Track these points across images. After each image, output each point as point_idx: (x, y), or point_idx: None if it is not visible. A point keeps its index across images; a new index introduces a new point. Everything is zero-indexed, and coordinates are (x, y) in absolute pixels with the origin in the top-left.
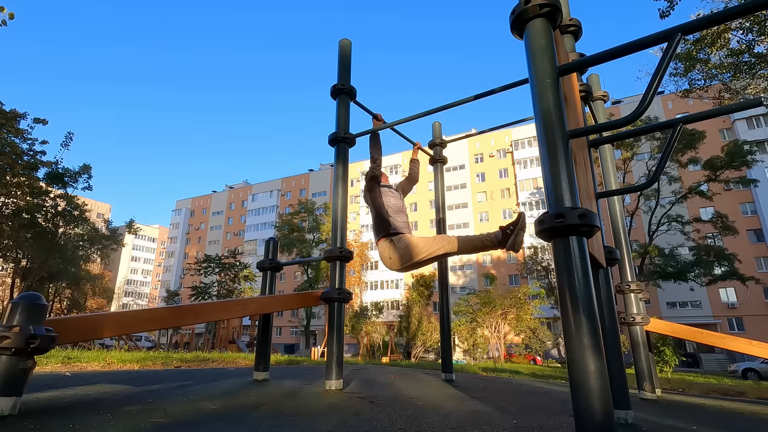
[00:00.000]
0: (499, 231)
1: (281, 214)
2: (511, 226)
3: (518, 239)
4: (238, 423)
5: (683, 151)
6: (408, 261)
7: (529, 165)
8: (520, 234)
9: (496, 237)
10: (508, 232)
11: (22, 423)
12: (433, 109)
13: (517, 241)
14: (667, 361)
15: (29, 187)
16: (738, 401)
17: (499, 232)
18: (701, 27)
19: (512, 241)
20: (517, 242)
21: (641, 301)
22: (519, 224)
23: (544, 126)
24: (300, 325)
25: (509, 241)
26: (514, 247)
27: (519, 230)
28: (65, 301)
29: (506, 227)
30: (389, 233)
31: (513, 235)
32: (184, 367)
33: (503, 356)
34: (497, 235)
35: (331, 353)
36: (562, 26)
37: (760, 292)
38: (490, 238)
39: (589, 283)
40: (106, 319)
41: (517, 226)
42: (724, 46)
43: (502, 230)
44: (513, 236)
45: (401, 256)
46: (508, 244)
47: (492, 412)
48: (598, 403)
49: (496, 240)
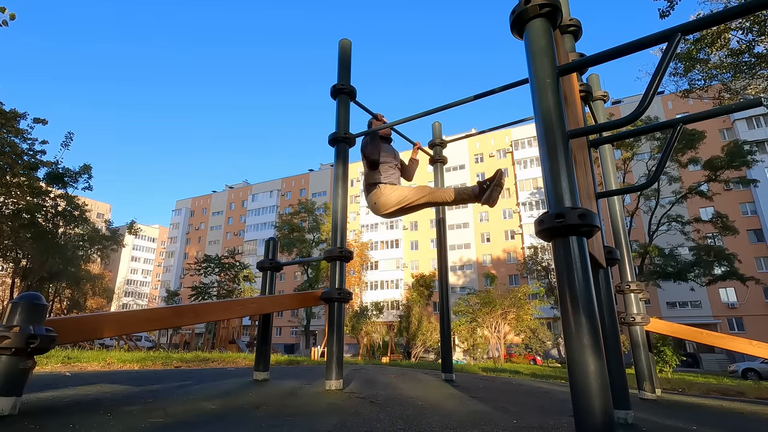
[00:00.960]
0: (477, 185)
1: (281, 214)
2: (488, 182)
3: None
4: (238, 423)
5: (683, 151)
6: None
7: (529, 165)
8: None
9: (473, 191)
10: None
11: (22, 423)
12: (433, 109)
13: (492, 197)
14: (667, 361)
15: (29, 187)
16: (738, 401)
17: (476, 186)
18: (701, 27)
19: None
20: (492, 197)
21: (641, 301)
22: (496, 180)
23: (544, 126)
24: (300, 325)
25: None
26: (489, 202)
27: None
28: (65, 301)
29: (483, 182)
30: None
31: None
32: (184, 367)
33: (503, 356)
34: (474, 189)
35: (331, 353)
36: (562, 26)
37: (760, 292)
38: (467, 192)
39: (589, 283)
40: (106, 319)
41: (494, 182)
42: (724, 46)
43: (479, 184)
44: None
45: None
46: (484, 198)
47: (492, 412)
48: (598, 403)
49: (473, 193)
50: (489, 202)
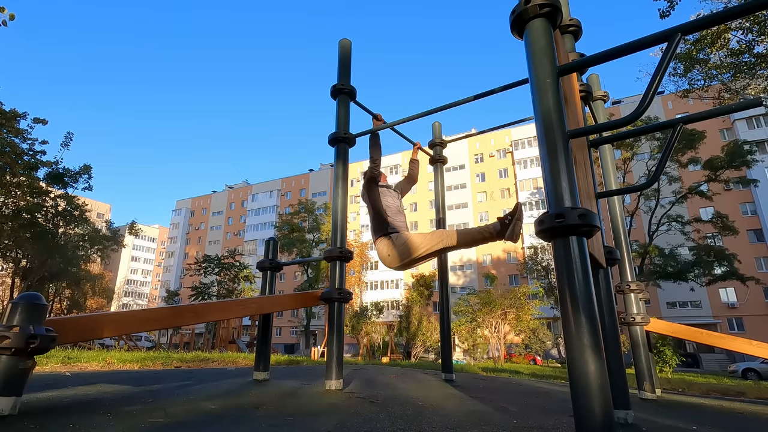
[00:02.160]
0: (497, 222)
1: (281, 214)
2: (509, 216)
3: (516, 229)
4: (238, 423)
5: (683, 151)
6: (407, 258)
7: (529, 165)
8: (518, 224)
9: (494, 228)
10: (506, 222)
11: (22, 423)
12: (433, 109)
13: (515, 232)
14: (667, 361)
15: (29, 187)
16: (738, 401)
17: (497, 223)
18: (701, 27)
19: (510, 231)
20: (515, 232)
21: (641, 301)
22: (516, 214)
23: (544, 126)
24: (300, 325)
25: (508, 231)
26: (512, 238)
27: (517, 220)
28: (65, 301)
29: (504, 218)
30: (387, 232)
31: (511, 226)
32: (184, 367)
33: (503, 356)
34: (495, 226)
35: (331, 353)
36: (562, 26)
37: (760, 292)
38: (488, 230)
39: (589, 283)
40: (106, 319)
41: (515, 216)
42: (724, 46)
43: (500, 221)
44: (511, 226)
45: (400, 253)
46: (507, 235)
47: (492, 412)
48: (598, 403)
49: (495, 231)
50: (512, 238)
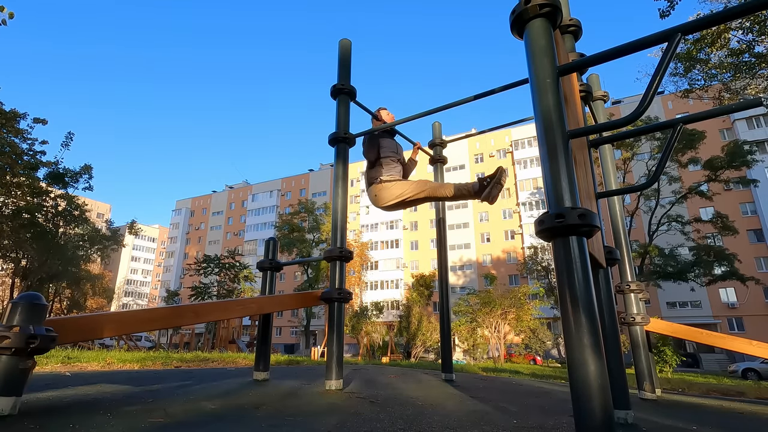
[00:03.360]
0: (477, 182)
1: (281, 214)
2: (488, 179)
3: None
4: (238, 423)
5: (683, 151)
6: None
7: (529, 165)
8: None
9: (473, 187)
10: (484, 184)
11: (22, 423)
12: (433, 109)
13: (492, 194)
14: (667, 361)
15: (29, 187)
16: (738, 401)
17: (476, 183)
18: (701, 27)
19: (487, 193)
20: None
21: (641, 301)
22: (496, 177)
23: (544, 126)
24: (300, 325)
25: (485, 192)
26: (488, 199)
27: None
28: (65, 301)
29: (484, 179)
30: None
31: (489, 188)
32: (184, 367)
33: (503, 356)
34: (474, 185)
35: (331, 353)
36: (562, 26)
37: (760, 292)
38: (467, 188)
39: (589, 283)
40: (106, 319)
41: (494, 180)
42: (724, 46)
43: (479, 181)
44: (489, 188)
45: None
46: (483, 195)
47: (492, 412)
48: (598, 403)
49: (473, 190)
50: (488, 199)
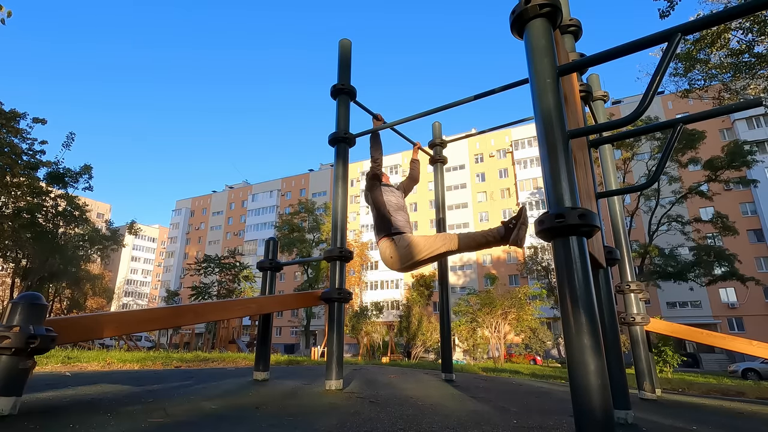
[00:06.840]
0: (501, 226)
1: (281, 214)
2: (513, 221)
3: (521, 234)
4: (238, 423)
5: (683, 151)
6: (409, 260)
7: (529, 165)
8: (522, 228)
9: (498, 232)
10: (510, 226)
11: (22, 423)
12: (433, 109)
13: (520, 236)
14: (668, 361)
15: (29, 187)
16: (738, 401)
17: (501, 227)
18: (701, 27)
19: (515, 236)
20: (520, 237)
21: (641, 301)
22: (521, 219)
23: (544, 126)
24: (300, 325)
25: (512, 236)
26: (517, 242)
27: (521, 225)
28: (65, 301)
29: (508, 222)
30: (390, 233)
31: (515, 230)
32: (184, 367)
33: (503, 356)
34: (499, 230)
35: (331, 353)
36: (562, 26)
37: (760, 292)
38: (492, 234)
39: (589, 283)
40: (106, 319)
41: (519, 221)
42: (724, 46)
43: (504, 225)
44: (516, 231)
45: (402, 255)
46: (511, 239)
47: (492, 412)
48: (598, 403)
49: (499, 235)
50: (517, 243)
